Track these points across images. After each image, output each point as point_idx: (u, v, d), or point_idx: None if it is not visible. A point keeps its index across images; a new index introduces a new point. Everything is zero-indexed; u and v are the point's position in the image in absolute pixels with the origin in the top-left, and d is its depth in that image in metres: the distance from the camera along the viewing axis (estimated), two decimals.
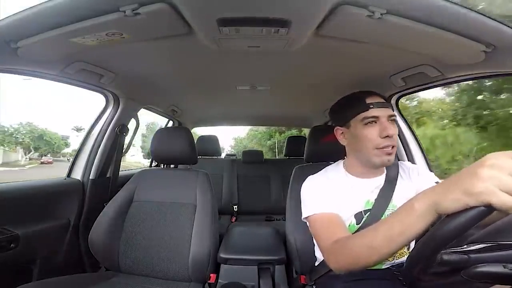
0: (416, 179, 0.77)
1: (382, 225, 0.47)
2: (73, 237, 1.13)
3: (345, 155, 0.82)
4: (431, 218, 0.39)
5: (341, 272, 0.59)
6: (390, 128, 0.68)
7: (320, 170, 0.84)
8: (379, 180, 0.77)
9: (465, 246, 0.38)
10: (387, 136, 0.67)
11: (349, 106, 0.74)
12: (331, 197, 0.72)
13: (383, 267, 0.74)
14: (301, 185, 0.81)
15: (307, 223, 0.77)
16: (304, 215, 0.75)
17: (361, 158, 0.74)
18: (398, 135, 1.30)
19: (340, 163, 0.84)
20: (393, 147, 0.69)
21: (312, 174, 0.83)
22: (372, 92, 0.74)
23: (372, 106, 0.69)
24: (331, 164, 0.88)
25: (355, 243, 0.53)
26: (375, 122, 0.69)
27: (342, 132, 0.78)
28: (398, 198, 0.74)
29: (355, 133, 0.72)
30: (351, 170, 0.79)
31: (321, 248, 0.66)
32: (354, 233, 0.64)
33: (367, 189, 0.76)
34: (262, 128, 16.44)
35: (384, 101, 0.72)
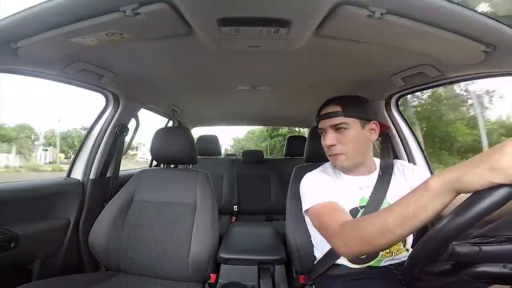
0: (410, 177, 0.79)
1: (397, 205, 0.45)
2: (73, 237, 1.13)
3: None
4: (448, 198, 0.37)
5: (352, 257, 0.56)
6: (324, 139, 0.76)
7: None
8: (371, 178, 0.79)
9: (472, 240, 0.37)
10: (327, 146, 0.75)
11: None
12: (329, 189, 0.74)
13: (381, 264, 0.74)
14: None
15: (308, 217, 0.77)
16: (304, 208, 0.75)
17: None
18: (398, 135, 1.31)
19: None
20: (337, 154, 0.75)
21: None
22: (330, 100, 0.79)
23: (318, 119, 0.79)
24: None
25: (368, 224, 0.51)
26: (325, 132, 0.77)
27: None
28: (392, 195, 0.75)
29: None
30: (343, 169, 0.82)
31: (328, 235, 0.63)
32: None
33: (358, 186, 0.78)
34: (257, 132, 18.44)
35: (336, 109, 0.75)
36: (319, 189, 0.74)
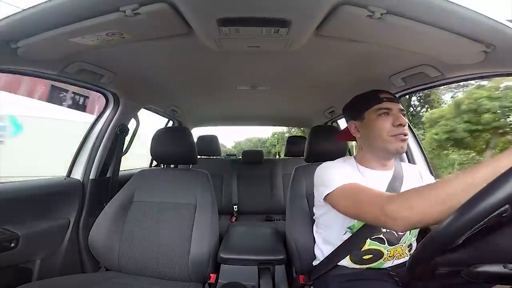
0: (419, 180, 0.81)
1: (462, 174, 0.44)
2: (73, 237, 1.13)
3: (350, 153, 0.86)
4: None
5: (404, 226, 0.51)
6: (402, 118, 0.74)
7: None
8: (389, 174, 0.79)
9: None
10: (400, 125, 0.73)
11: (364, 101, 0.81)
12: (352, 175, 0.73)
13: (382, 266, 0.75)
14: (301, 186, 0.82)
15: (330, 202, 0.72)
16: (327, 192, 0.71)
17: (376, 147, 0.77)
18: None
19: (351, 158, 0.86)
20: (405, 135, 0.73)
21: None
22: (384, 90, 0.81)
23: (385, 99, 0.76)
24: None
25: (431, 190, 0.47)
26: (388, 114, 0.75)
27: (356, 126, 0.82)
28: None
29: (369, 124, 0.77)
30: (363, 163, 0.81)
31: (373, 206, 0.57)
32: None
33: (378, 180, 0.77)
34: (254, 140, 26.22)
35: (395, 97, 0.79)
36: (343, 172, 0.74)
